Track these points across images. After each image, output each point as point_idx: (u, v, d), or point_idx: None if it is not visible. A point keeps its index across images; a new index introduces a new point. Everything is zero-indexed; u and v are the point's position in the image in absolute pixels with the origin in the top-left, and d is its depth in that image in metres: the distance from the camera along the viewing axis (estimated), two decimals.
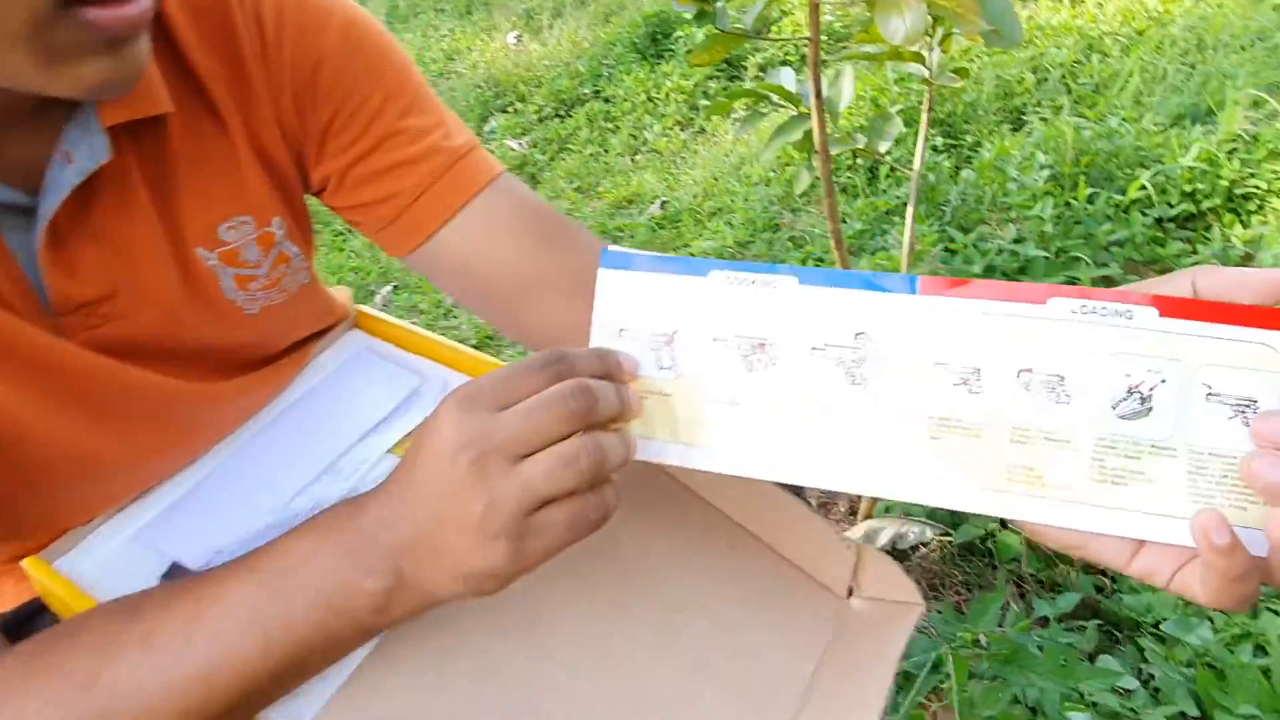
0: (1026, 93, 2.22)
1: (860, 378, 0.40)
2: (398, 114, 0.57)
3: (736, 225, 2.17)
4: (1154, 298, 0.36)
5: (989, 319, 0.38)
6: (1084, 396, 0.37)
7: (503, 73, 3.33)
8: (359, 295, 2.41)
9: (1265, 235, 1.62)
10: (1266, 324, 0.35)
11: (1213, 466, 0.35)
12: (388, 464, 0.59)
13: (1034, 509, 0.37)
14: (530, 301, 0.61)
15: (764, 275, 0.42)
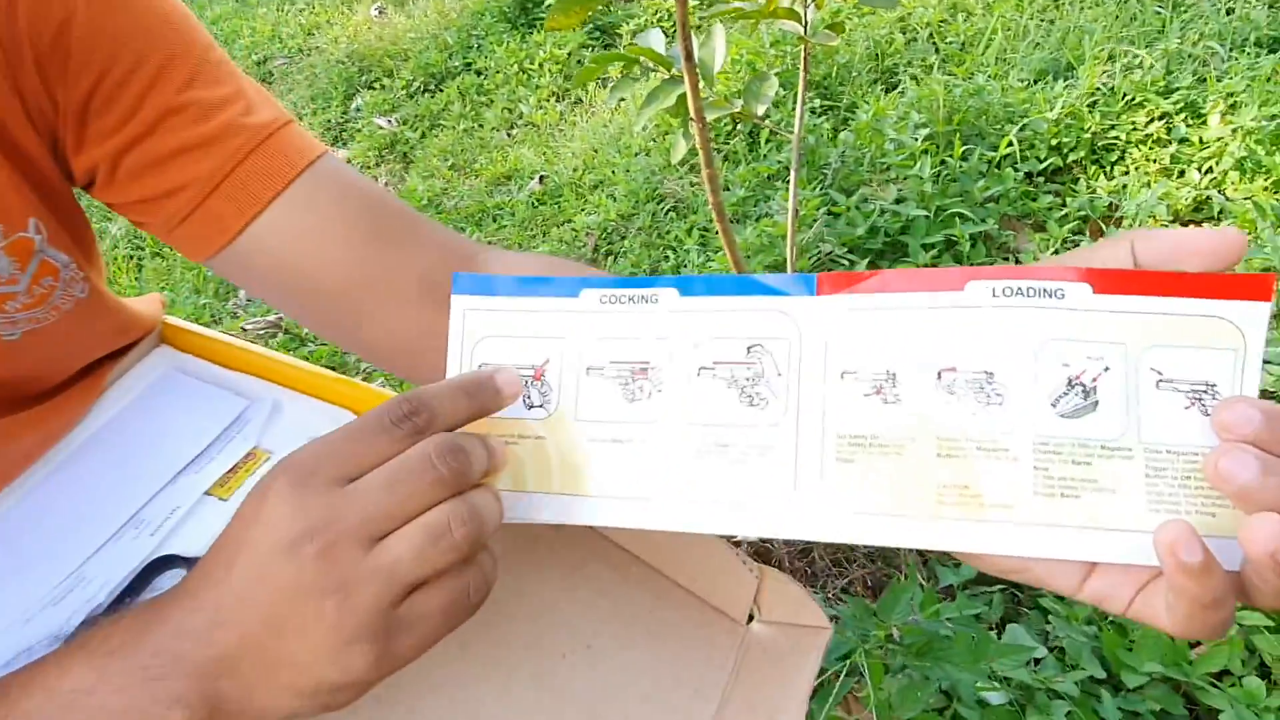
0: (897, 53, 2.22)
1: (758, 398, 0.34)
2: (180, 84, 0.47)
3: (619, 198, 2.11)
4: (1086, 271, 0.31)
5: (900, 314, 0.33)
6: (1018, 394, 0.31)
7: (366, 47, 3.15)
8: (219, 291, 2.24)
9: (1128, 185, 1.66)
10: (1216, 293, 0.29)
11: (1173, 466, 0.30)
12: (208, 511, 0.51)
13: (975, 537, 0.31)
14: (368, 310, 0.51)
15: (642, 290, 0.36)
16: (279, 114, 0.50)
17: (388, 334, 0.51)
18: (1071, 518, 0.30)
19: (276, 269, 0.50)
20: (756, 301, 0.35)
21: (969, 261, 1.63)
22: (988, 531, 0.31)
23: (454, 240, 0.52)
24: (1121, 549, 0.30)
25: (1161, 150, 1.68)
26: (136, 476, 0.51)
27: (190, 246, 0.50)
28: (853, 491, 0.33)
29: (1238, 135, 1.59)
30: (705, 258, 1.87)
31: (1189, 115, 1.70)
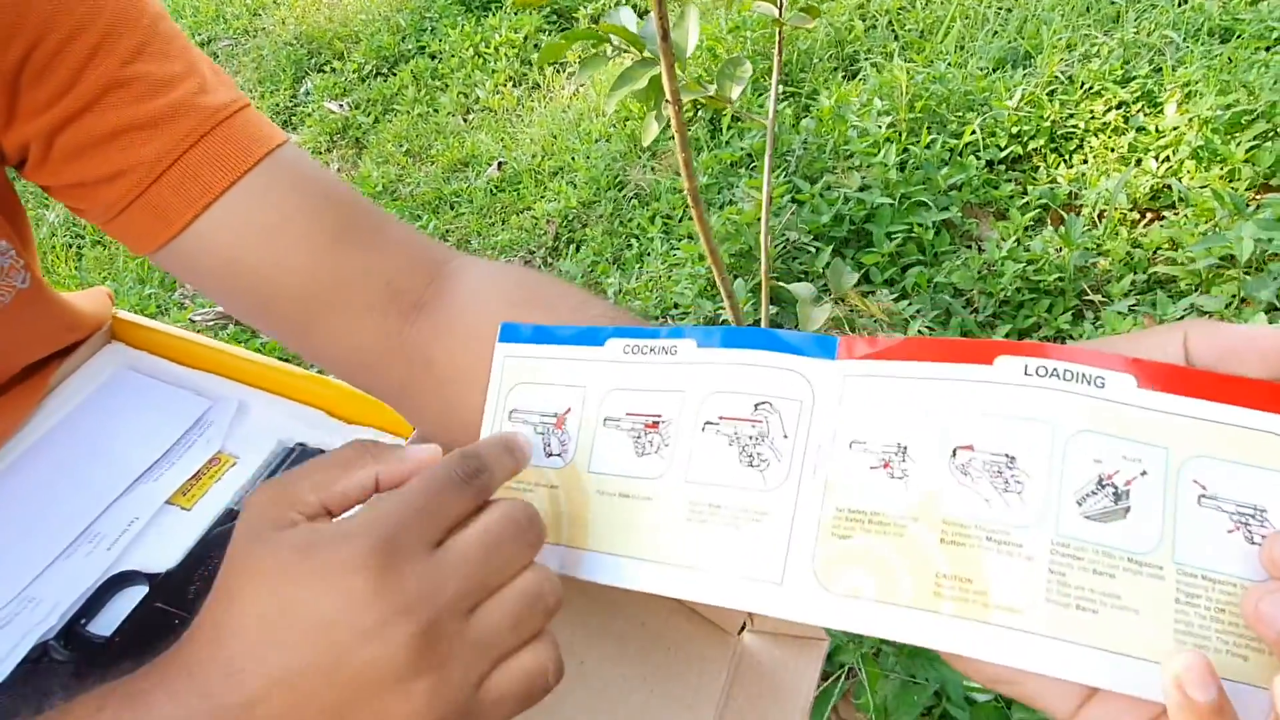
0: (857, 40, 2.21)
1: (758, 459, 0.32)
2: (126, 55, 0.42)
3: (580, 184, 2.08)
4: (1132, 361, 0.27)
5: (920, 384, 0.30)
6: (1040, 485, 0.28)
7: (316, 29, 3.06)
8: (165, 280, 2.16)
9: (1087, 174, 1.68)
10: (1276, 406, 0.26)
11: (1207, 595, 0.26)
12: (170, 521, 0.47)
13: (972, 639, 0.27)
14: (327, 317, 0.46)
15: (663, 341, 0.35)
16: (236, 96, 0.45)
17: (348, 343, 0.46)
18: (1085, 635, 0.27)
19: (228, 267, 0.45)
20: (772, 358, 0.32)
21: (932, 250, 1.64)
22: (987, 635, 0.27)
23: (421, 244, 0.47)
24: (1135, 680, 0.26)
25: (1119, 139, 1.70)
26: (88, 486, 0.47)
27: (131, 238, 0.45)
28: (843, 572, 0.30)
29: (1194, 124, 1.61)
30: (669, 246, 1.85)
31: (1146, 104, 1.72)
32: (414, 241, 0.47)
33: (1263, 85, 1.58)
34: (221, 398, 0.53)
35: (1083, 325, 1.42)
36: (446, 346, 0.44)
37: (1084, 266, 1.52)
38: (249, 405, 0.53)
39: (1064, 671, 0.26)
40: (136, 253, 0.46)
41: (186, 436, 0.51)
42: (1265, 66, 1.61)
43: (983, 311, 1.53)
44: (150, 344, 0.56)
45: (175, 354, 0.55)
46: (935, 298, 1.56)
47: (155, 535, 0.46)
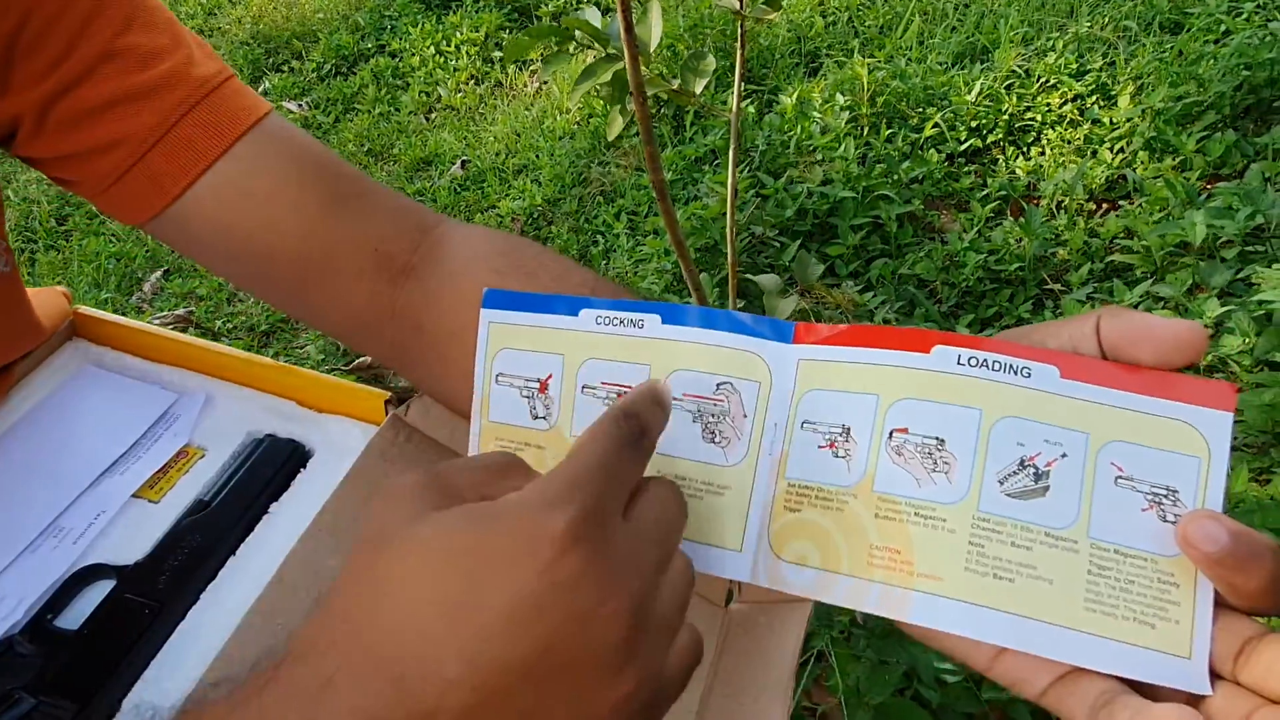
0: (818, 36, 2.23)
1: (720, 436, 0.34)
2: (117, 27, 0.42)
3: (544, 182, 2.07)
4: (1055, 354, 0.29)
5: (864, 370, 0.32)
6: (965, 466, 0.30)
7: (273, 28, 3.02)
8: (122, 284, 2.12)
9: (1044, 165, 1.71)
10: (1184, 396, 0.28)
11: (1118, 567, 0.28)
12: (137, 515, 0.46)
13: (897, 603, 0.30)
14: (320, 281, 0.46)
15: (631, 314, 0.36)
16: (221, 66, 0.46)
17: (341, 306, 0.47)
18: (999, 600, 0.29)
19: (221, 235, 0.45)
20: (734, 339, 0.34)
21: (895, 242, 1.66)
22: (912, 599, 0.30)
23: (409, 209, 0.48)
24: (1044, 642, 0.28)
25: (1075, 131, 1.73)
26: (53, 481, 0.46)
27: (125, 208, 0.45)
28: (792, 541, 0.32)
29: (1146, 116, 1.64)
30: (635, 242, 1.85)
31: (1100, 97, 1.76)
32: (401, 207, 0.47)
33: (1212, 77, 1.62)
34: (188, 390, 0.52)
35: (1044, 314, 1.45)
36: (434, 311, 0.45)
37: (1043, 256, 1.54)
38: (216, 397, 0.52)
39: (978, 633, 0.29)
40: (128, 223, 0.46)
41: (153, 430, 0.50)
42: (1214, 59, 1.65)
43: (946, 302, 1.55)
44: (113, 339, 0.55)
45: (139, 348, 0.54)
46: (899, 289, 1.58)
47: (123, 528, 0.46)
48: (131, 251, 2.21)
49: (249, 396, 0.53)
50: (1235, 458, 1.08)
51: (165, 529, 0.46)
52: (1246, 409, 1.10)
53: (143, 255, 2.20)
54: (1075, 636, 0.28)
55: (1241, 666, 0.26)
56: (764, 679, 0.46)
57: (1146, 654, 0.27)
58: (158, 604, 0.42)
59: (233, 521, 0.46)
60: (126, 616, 0.42)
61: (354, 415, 0.52)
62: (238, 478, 0.48)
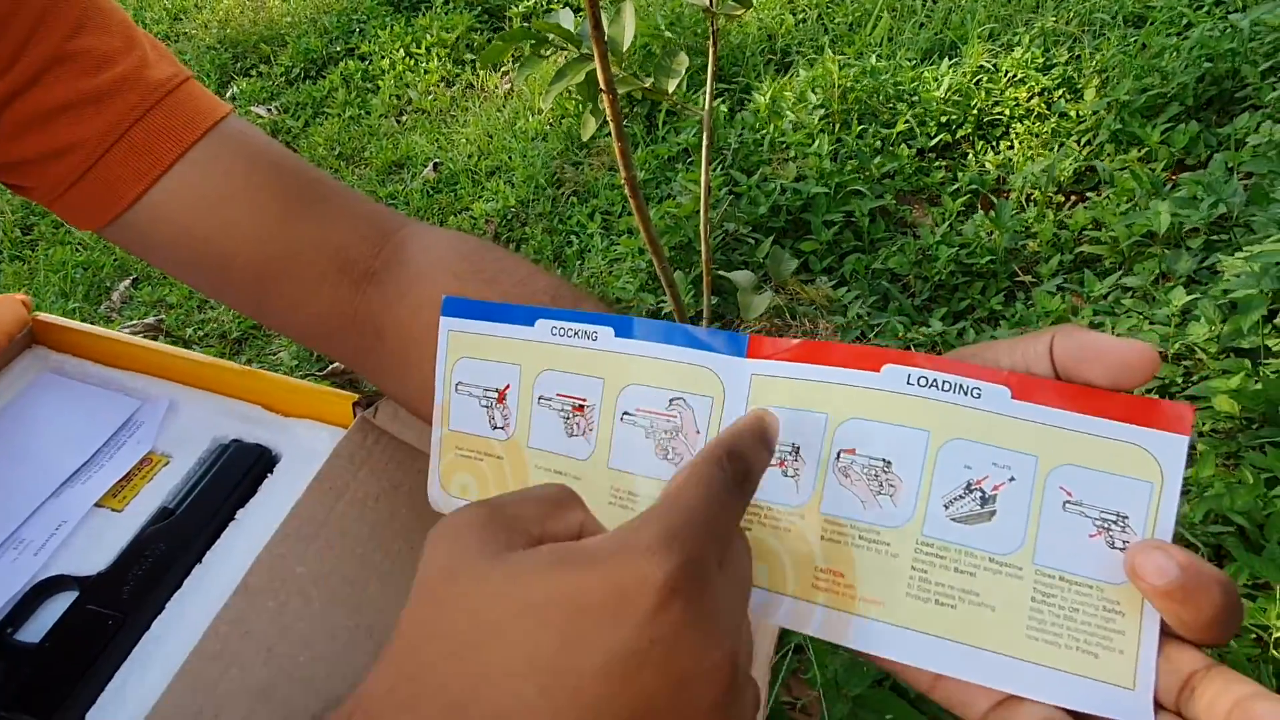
0: (788, 34, 2.24)
1: (673, 453, 0.33)
2: (68, 30, 0.41)
3: (517, 183, 2.06)
4: (1007, 375, 0.29)
5: (815, 388, 0.31)
6: (911, 489, 0.29)
7: (240, 32, 2.99)
8: (90, 293, 2.09)
9: (1013, 159, 1.72)
10: (1137, 419, 0.27)
11: (1062, 595, 0.28)
12: (100, 524, 0.46)
13: (839, 627, 0.30)
14: (280, 285, 0.45)
15: (585, 325, 0.36)
16: (178, 69, 0.45)
17: (302, 310, 0.46)
18: (941, 627, 0.29)
19: (179, 239, 0.44)
20: (687, 354, 0.33)
21: (868, 237, 1.66)
22: (854, 624, 0.30)
23: (371, 212, 0.47)
24: (984, 670, 0.28)
25: (1043, 125, 1.75)
26: (12, 491, 0.45)
27: (80, 214, 0.44)
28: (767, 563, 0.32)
29: (1112, 109, 1.66)
30: (609, 241, 1.85)
31: (1066, 90, 1.78)
32: (362, 210, 0.47)
33: (1175, 69, 1.64)
34: (151, 397, 0.51)
35: (1015, 306, 1.46)
36: (395, 317, 0.44)
37: (1014, 249, 1.56)
38: (180, 403, 0.52)
39: (917, 660, 0.29)
40: (85, 228, 0.45)
41: (116, 438, 0.49)
42: (1176, 51, 1.67)
43: (919, 296, 1.56)
44: (74, 346, 0.54)
45: (101, 355, 0.53)
46: (873, 283, 1.59)
47: (85, 538, 0.45)
48: (99, 260, 2.18)
49: (214, 402, 0.52)
50: (1203, 444, 1.09)
51: (129, 538, 0.45)
52: (1213, 395, 1.11)
53: (110, 264, 2.17)
54: (1016, 665, 0.28)
55: (1186, 700, 0.26)
56: None
57: (1088, 684, 0.27)
58: (121, 614, 0.42)
59: (198, 529, 0.45)
60: (89, 628, 0.41)
61: (322, 419, 0.51)
62: (203, 484, 0.47)
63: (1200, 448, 1.08)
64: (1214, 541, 0.98)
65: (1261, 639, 0.89)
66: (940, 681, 0.29)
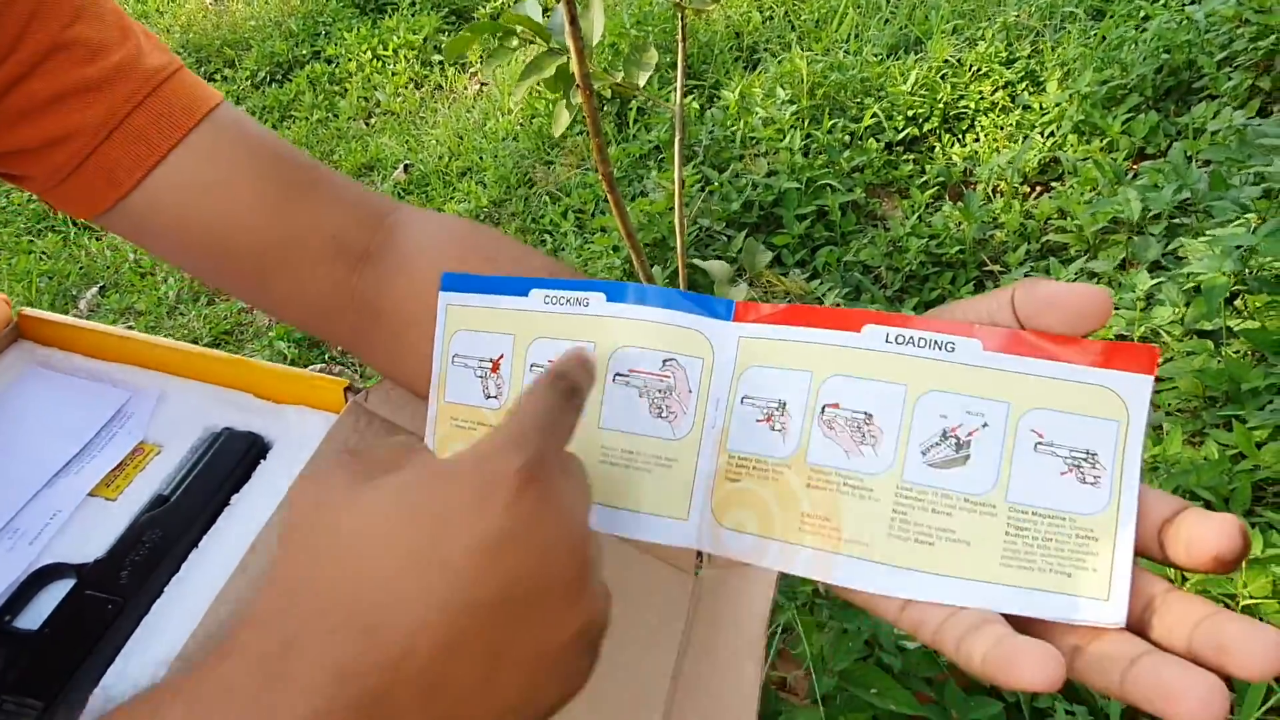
0: (755, 31, 2.26)
1: (667, 411, 0.35)
2: (65, 18, 0.41)
3: (489, 184, 2.06)
4: (978, 328, 0.31)
5: (800, 348, 0.33)
6: (891, 439, 0.31)
7: (203, 37, 2.96)
8: (56, 303, 2.06)
9: (980, 151, 1.75)
10: (1103, 362, 0.29)
11: (1035, 527, 0.30)
12: (94, 513, 0.46)
13: (824, 566, 0.32)
14: (278, 270, 0.46)
15: (577, 293, 0.37)
16: (171, 58, 0.45)
17: (301, 294, 0.47)
18: (919, 562, 0.31)
19: (177, 226, 0.45)
20: (678, 317, 0.35)
21: (840, 230, 1.69)
22: (839, 563, 0.32)
23: (364, 197, 0.48)
24: (959, 593, 0.30)
25: (1007, 117, 1.78)
26: (4, 483, 0.45)
27: (77, 202, 0.44)
28: (733, 509, 0.34)
29: (1074, 100, 1.70)
30: (583, 240, 1.85)
31: (1030, 84, 1.81)
32: (356, 194, 0.47)
33: (1134, 61, 1.68)
34: (141, 388, 0.51)
35: None
36: (392, 298, 0.45)
37: (982, 239, 1.58)
38: (170, 393, 0.52)
39: (895, 591, 0.31)
40: (80, 217, 0.45)
41: (106, 428, 0.49)
42: (1135, 43, 1.72)
43: (891, 287, 1.58)
44: (61, 339, 0.54)
45: (89, 348, 0.53)
46: (845, 275, 1.61)
47: (80, 527, 0.45)
48: (64, 269, 2.15)
49: (204, 391, 0.52)
50: (1169, 422, 1.12)
51: (124, 525, 0.45)
52: (1178, 375, 1.15)
53: (76, 272, 2.14)
54: (990, 588, 0.30)
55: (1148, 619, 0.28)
56: (736, 641, 0.47)
57: (1063, 598, 0.29)
58: (120, 599, 0.42)
59: (193, 515, 0.45)
60: (88, 613, 0.41)
61: (313, 405, 0.51)
62: (196, 472, 0.47)
63: (1166, 426, 1.11)
64: None
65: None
66: (906, 608, 0.31)
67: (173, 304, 2.01)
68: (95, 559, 0.44)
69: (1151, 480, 1.02)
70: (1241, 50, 1.61)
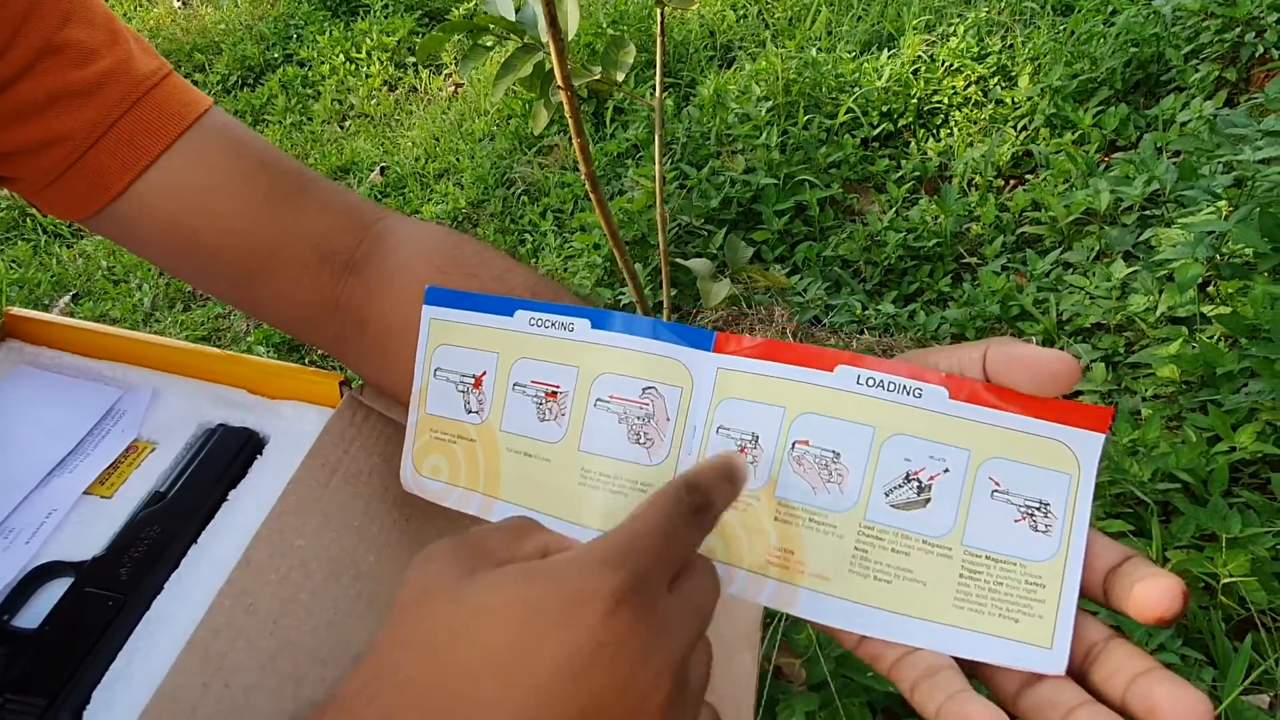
0: (730, 29, 2.27)
1: (644, 437, 0.36)
2: (57, 21, 0.41)
3: (467, 185, 2.06)
4: (946, 377, 0.32)
5: (775, 383, 0.34)
6: (857, 478, 0.33)
7: (172, 41, 2.93)
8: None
9: (954, 146, 1.77)
10: (1061, 418, 0.31)
11: (988, 571, 0.31)
12: (90, 511, 0.45)
13: (788, 598, 0.33)
14: (265, 275, 0.46)
15: (562, 317, 0.38)
16: (161, 63, 0.46)
17: (285, 299, 0.47)
18: (877, 599, 0.32)
19: (165, 230, 0.45)
20: (659, 347, 0.36)
21: (819, 225, 1.70)
22: (802, 597, 0.33)
23: (351, 203, 0.48)
24: (912, 633, 0.31)
25: (980, 112, 1.80)
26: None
27: (66, 205, 0.44)
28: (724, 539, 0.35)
29: (1045, 94, 1.72)
30: (562, 239, 1.85)
31: (1002, 78, 1.84)
32: (342, 201, 0.48)
33: (1103, 55, 1.71)
34: (133, 385, 0.51)
35: (962, 286, 1.50)
36: (377, 308, 0.45)
37: (959, 232, 1.60)
38: (163, 391, 0.51)
39: (854, 626, 0.32)
40: (68, 219, 0.45)
41: (99, 426, 0.48)
42: (1104, 37, 1.74)
43: (870, 280, 1.60)
44: (50, 338, 0.53)
45: (79, 346, 0.52)
46: (825, 270, 1.62)
47: (76, 525, 0.44)
48: (35, 277, 2.12)
49: (197, 388, 0.52)
50: (1147, 408, 1.14)
51: (121, 523, 0.44)
52: (1154, 362, 1.17)
53: (48, 280, 2.11)
54: (941, 629, 0.31)
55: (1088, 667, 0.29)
56: (731, 633, 0.48)
57: (1009, 644, 0.30)
58: (121, 596, 0.41)
59: (191, 511, 0.45)
60: (88, 610, 0.41)
61: (308, 400, 0.51)
62: (192, 468, 0.47)
63: (1145, 412, 1.13)
64: (1162, 498, 1.02)
65: (1210, 586, 0.94)
66: (864, 641, 0.32)
67: (148, 310, 1.98)
68: (93, 557, 0.43)
69: (1131, 464, 1.03)
70: (1208, 43, 1.64)
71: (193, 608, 0.40)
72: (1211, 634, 0.91)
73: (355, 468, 0.47)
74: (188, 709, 0.38)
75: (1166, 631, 0.90)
